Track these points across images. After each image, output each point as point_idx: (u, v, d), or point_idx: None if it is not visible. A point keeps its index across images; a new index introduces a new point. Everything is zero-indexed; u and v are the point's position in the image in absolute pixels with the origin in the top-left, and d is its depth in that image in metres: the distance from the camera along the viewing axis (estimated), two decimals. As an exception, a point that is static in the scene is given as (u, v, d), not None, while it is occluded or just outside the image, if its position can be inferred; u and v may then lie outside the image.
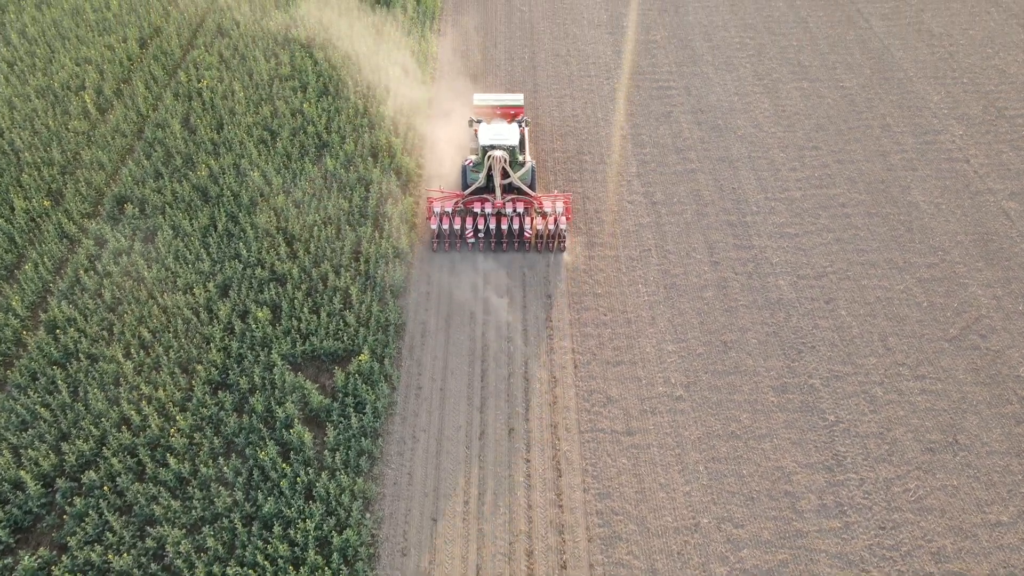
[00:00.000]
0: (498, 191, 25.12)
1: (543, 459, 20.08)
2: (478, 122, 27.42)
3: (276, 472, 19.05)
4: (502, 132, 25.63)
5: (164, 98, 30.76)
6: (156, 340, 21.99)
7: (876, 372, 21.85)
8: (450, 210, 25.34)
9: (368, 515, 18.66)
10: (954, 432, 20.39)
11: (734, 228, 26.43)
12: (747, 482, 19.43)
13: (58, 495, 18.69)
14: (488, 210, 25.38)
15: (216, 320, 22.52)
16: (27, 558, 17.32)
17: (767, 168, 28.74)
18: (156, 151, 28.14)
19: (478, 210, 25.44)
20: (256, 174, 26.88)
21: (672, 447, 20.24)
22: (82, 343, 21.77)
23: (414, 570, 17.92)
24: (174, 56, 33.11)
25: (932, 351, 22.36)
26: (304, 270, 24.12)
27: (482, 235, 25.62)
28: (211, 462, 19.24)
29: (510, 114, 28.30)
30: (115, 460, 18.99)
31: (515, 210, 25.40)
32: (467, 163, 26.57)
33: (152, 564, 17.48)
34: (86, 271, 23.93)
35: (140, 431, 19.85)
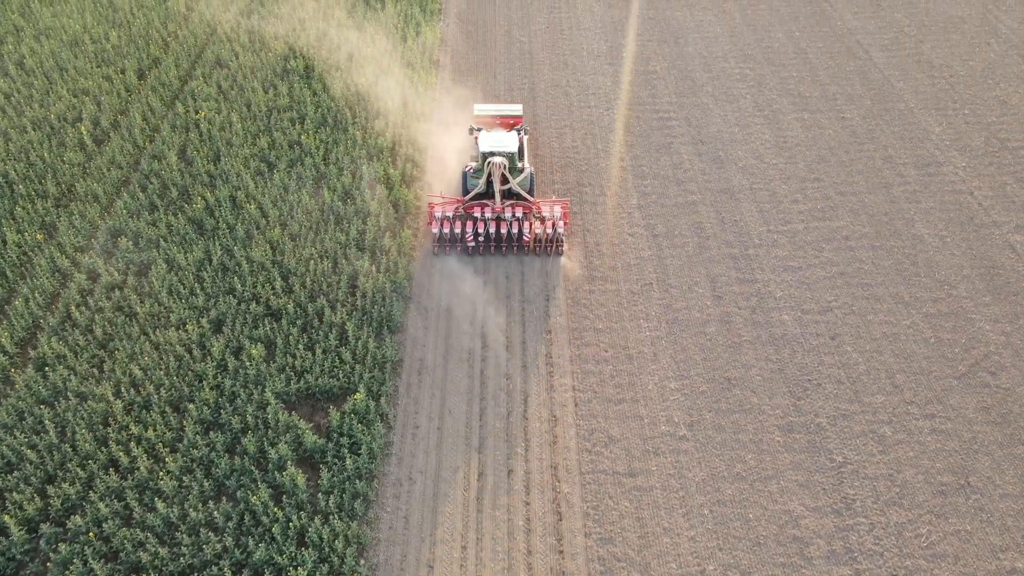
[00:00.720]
0: (497, 196, 25.67)
1: (543, 502, 19.51)
2: (478, 130, 28.07)
3: (268, 516, 18.46)
4: (502, 139, 26.28)
5: (161, 130, 30.55)
6: (147, 378, 21.50)
7: (884, 411, 21.34)
8: (451, 215, 25.87)
9: (362, 562, 18.04)
10: (966, 474, 19.83)
11: (736, 261, 26.06)
12: (753, 527, 18.84)
13: (42, 541, 18.08)
14: (488, 215, 25.89)
15: (209, 357, 22.05)
16: (8, 609, 16.69)
17: (769, 200, 28.45)
18: (152, 183, 27.86)
19: (478, 215, 25.96)
20: (252, 206, 26.57)
21: (676, 489, 19.67)
22: (71, 381, 21.27)
23: (409, 620, 17.30)
24: (172, 87, 32.99)
25: (941, 389, 21.87)
26: (300, 305, 23.70)
27: (482, 239, 26.02)
28: (201, 506, 18.66)
29: (509, 123, 29.05)
30: (102, 504, 18.40)
31: (514, 215, 26.00)
32: (467, 169, 27.28)
33: (137, 615, 16.86)
34: (78, 306, 23.50)
35: (128, 473, 19.29)
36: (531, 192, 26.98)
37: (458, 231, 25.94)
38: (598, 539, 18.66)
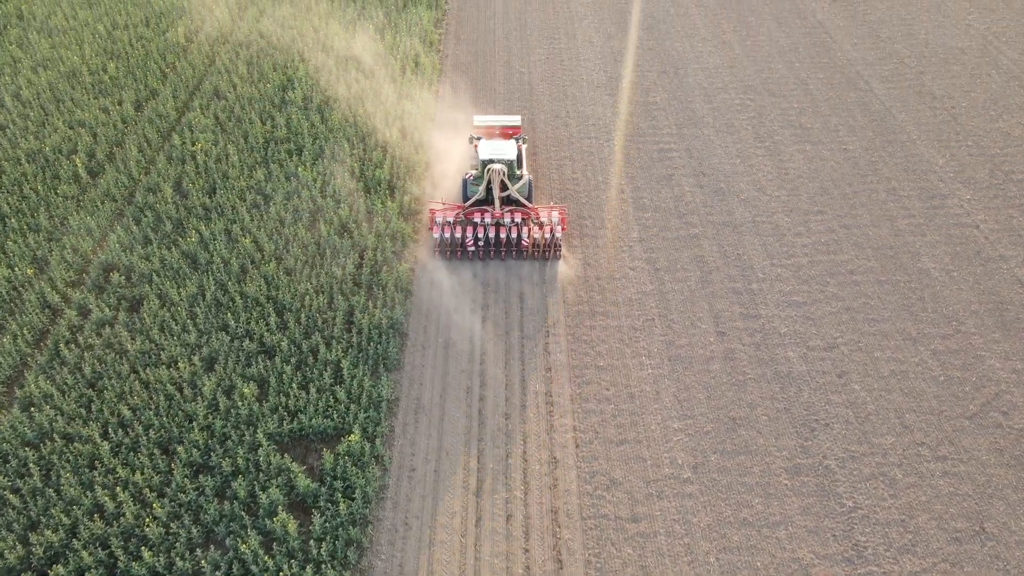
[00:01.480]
0: (497, 202, 26.29)
1: (543, 548, 18.82)
2: (478, 139, 28.99)
3: (258, 565, 17.77)
4: (501, 147, 27.06)
5: (157, 162, 30.25)
6: (136, 418, 20.91)
7: (894, 452, 20.72)
8: (451, 220, 26.60)
9: (355, 614, 17.35)
10: (980, 519, 19.17)
11: (740, 296, 25.58)
12: (762, 576, 18.16)
13: (22, 592, 17.42)
14: (488, 220, 26.53)
15: (200, 397, 21.48)
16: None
17: (772, 233, 28.05)
18: (146, 216, 27.48)
19: (478, 220, 26.61)
20: (247, 240, 26.15)
21: (680, 535, 19.00)
22: (58, 422, 20.68)
23: (404, 677, 16.54)
24: (169, 119, 32.76)
25: (952, 429, 21.27)
26: (294, 342, 23.18)
27: (482, 243, 26.63)
28: (188, 554, 17.98)
29: (508, 133, 29.91)
30: (85, 553, 17.72)
31: (513, 220, 26.70)
32: (468, 177, 28.04)
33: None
34: (67, 344, 22.98)
35: (114, 519, 18.63)
36: (529, 198, 27.68)
37: (459, 236, 26.59)
38: (600, 589, 17.97)
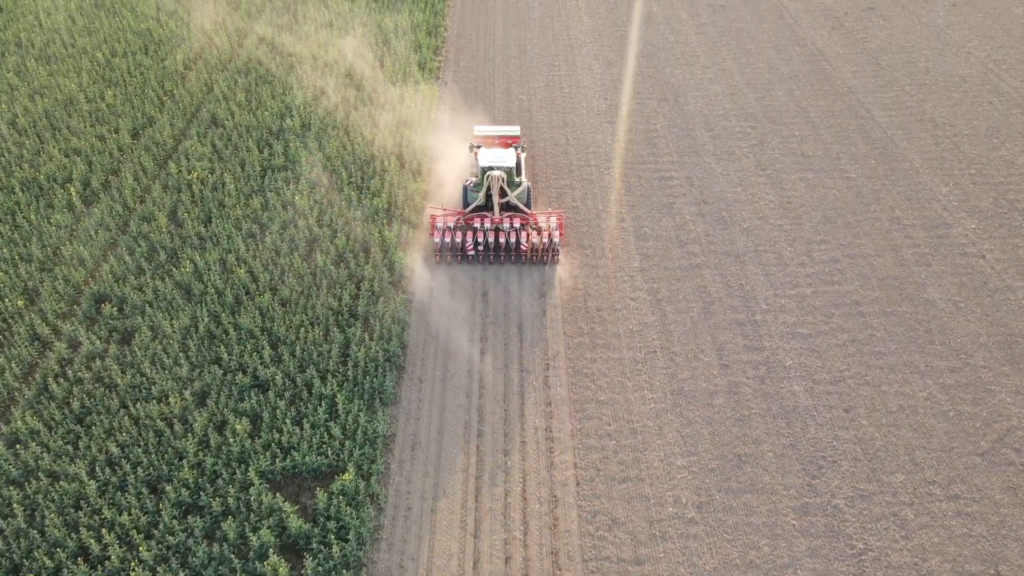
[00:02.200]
0: (496, 208, 27.02)
1: (543, 593, 18.18)
2: (478, 147, 29.64)
3: (246, 612, 17.13)
4: (500, 155, 27.81)
5: (153, 190, 29.93)
6: (124, 455, 20.32)
7: (905, 491, 20.12)
8: (452, 225, 27.23)
9: (347, 663, 16.66)
10: (995, 562, 18.53)
11: (743, 328, 25.11)
12: (770, 622, 17.49)
13: (1, 640, 16.75)
14: (487, 225, 27.13)
15: (191, 433, 20.91)
16: None
17: (775, 263, 27.65)
18: (140, 246, 27.09)
19: (477, 225, 27.22)
20: (242, 271, 25.74)
21: (685, 579, 18.35)
22: (44, 459, 20.11)
23: None
24: (166, 147, 32.51)
25: (963, 467, 20.69)
26: (288, 376, 22.66)
27: (481, 248, 27.27)
28: (175, 600, 17.35)
29: (507, 142, 30.37)
30: (68, 599, 17.11)
31: (512, 225, 27.27)
32: (468, 184, 28.76)
33: None
34: (56, 377, 22.46)
35: (99, 563, 17.99)
36: (528, 205, 28.33)
37: (459, 240, 27.24)
38: (603, 636, 17.29)
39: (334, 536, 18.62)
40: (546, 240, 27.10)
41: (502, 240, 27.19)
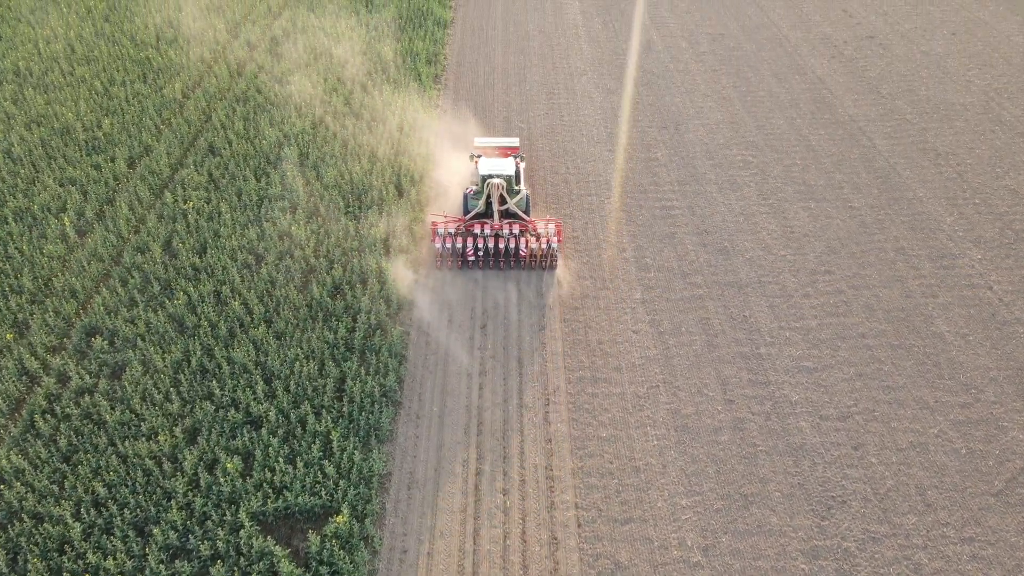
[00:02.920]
0: (496, 215, 27.76)
1: (544, 642, 17.46)
2: (478, 157, 30.45)
3: (234, 663, 16.42)
4: (500, 164, 28.63)
5: (148, 220, 29.54)
6: (111, 496, 19.68)
7: (917, 533, 19.47)
8: (452, 231, 27.91)
9: None
10: (1014, 609, 17.86)
11: (748, 361, 24.58)
12: (781, 674, 16.76)
13: None
14: (487, 231, 27.87)
15: (180, 472, 20.29)
16: None
17: (779, 294, 27.18)
18: (133, 277, 26.64)
19: (478, 231, 27.95)
20: (237, 303, 25.26)
21: (692, 627, 17.66)
22: (28, 500, 19.47)
23: None
24: (162, 176, 32.19)
25: (977, 507, 20.05)
26: (282, 411, 22.08)
27: (481, 253, 27.94)
28: (160, 650, 16.64)
29: (506, 153, 31.16)
30: (48, 650, 16.40)
31: (511, 231, 27.94)
32: (468, 191, 29.51)
33: None
34: (43, 414, 21.88)
35: (81, 611, 17.32)
36: (527, 212, 29.19)
37: (459, 246, 27.85)
38: None
39: (327, 581, 17.96)
40: (544, 246, 27.75)
41: (502, 246, 27.92)
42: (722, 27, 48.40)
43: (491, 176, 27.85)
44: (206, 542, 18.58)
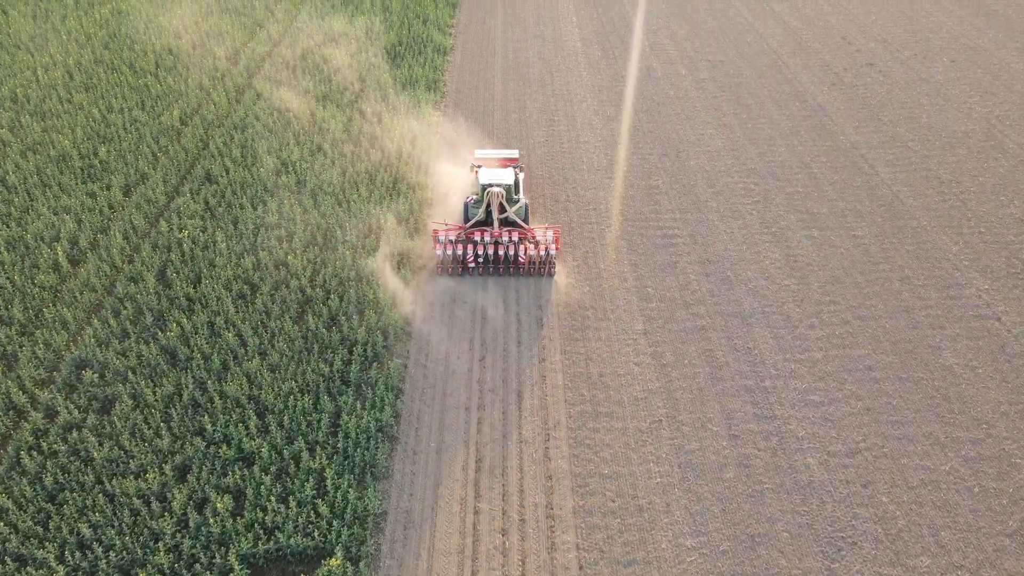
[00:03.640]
0: (495, 223, 28.33)
1: None
2: (478, 167, 31.39)
3: None
4: (499, 174, 29.59)
5: (142, 249, 29.12)
6: (96, 537, 19.03)
7: (931, 577, 18.82)
8: (453, 238, 28.53)
9: None
10: (1034, 658, 17.15)
11: (752, 395, 24.03)
12: None
13: None
14: (487, 239, 28.51)
15: (169, 512, 19.66)
16: None
17: (783, 325, 26.70)
18: (126, 308, 26.17)
19: (478, 239, 28.60)
20: (231, 334, 24.76)
21: (699, 677, 16.94)
22: (11, 541, 18.82)
23: None
24: (158, 204, 31.84)
25: (992, 549, 19.40)
26: (275, 448, 21.49)
27: (481, 260, 28.73)
28: None
29: (506, 164, 32.07)
30: None
31: (511, 239, 28.60)
32: (469, 200, 30.39)
33: None
34: (29, 450, 21.27)
35: (62, 660, 16.62)
36: (526, 220, 29.89)
37: (460, 253, 28.55)
38: None
39: (318, 629, 17.27)
40: (543, 253, 28.56)
41: (501, 253, 28.62)
42: (721, 54, 48.42)
43: (491, 185, 28.64)
44: (194, 586, 17.92)
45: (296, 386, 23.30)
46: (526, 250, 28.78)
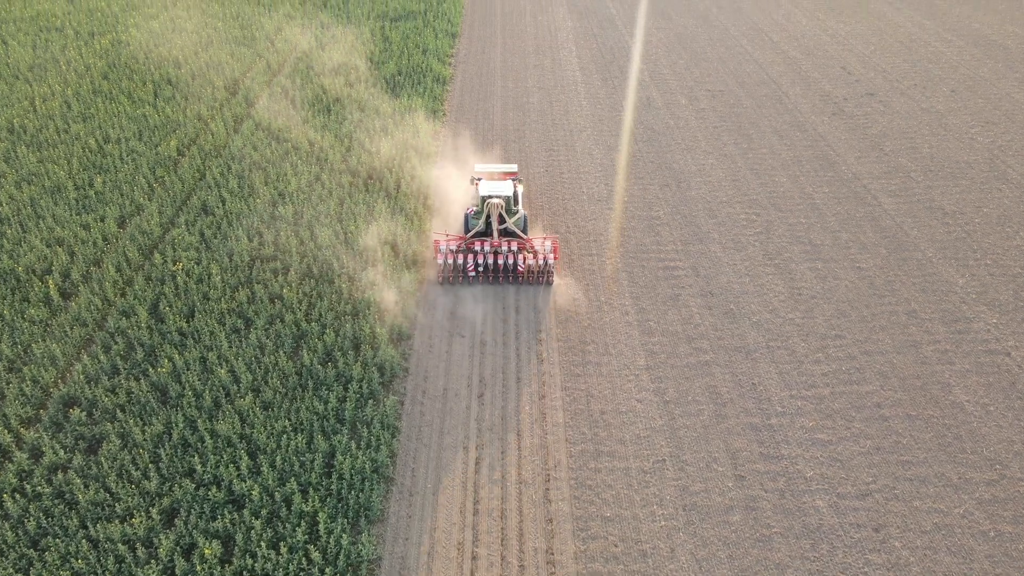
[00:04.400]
0: (495, 233, 29.17)
1: None
2: (478, 180, 32.26)
3: None
4: (499, 186, 30.46)
5: (135, 282, 28.63)
6: (79, 586, 18.32)
7: (948, 628, 18.06)
8: (454, 247, 29.35)
9: None
10: None
11: (758, 433, 23.39)
12: None
13: None
14: (487, 249, 29.32)
15: (154, 559, 18.93)
16: None
17: (788, 360, 26.12)
18: (116, 343, 25.61)
19: (478, 248, 29.42)
20: (224, 371, 24.18)
21: None
22: (-10, 590, 18.12)
23: None
24: (152, 236, 31.41)
25: (1010, 598, 18.67)
26: (267, 490, 20.80)
27: (481, 269, 29.50)
28: None
29: (505, 177, 32.88)
30: None
31: (510, 248, 29.42)
32: (469, 212, 31.31)
33: None
34: (12, 493, 20.59)
35: None
36: (524, 231, 30.71)
37: (460, 262, 29.37)
38: None
39: None
40: (541, 262, 29.38)
41: (500, 262, 29.41)
42: (721, 84, 48.37)
43: (491, 196, 29.56)
44: (179, 639, 17.16)
45: (289, 424, 22.68)
46: (525, 259, 29.58)
